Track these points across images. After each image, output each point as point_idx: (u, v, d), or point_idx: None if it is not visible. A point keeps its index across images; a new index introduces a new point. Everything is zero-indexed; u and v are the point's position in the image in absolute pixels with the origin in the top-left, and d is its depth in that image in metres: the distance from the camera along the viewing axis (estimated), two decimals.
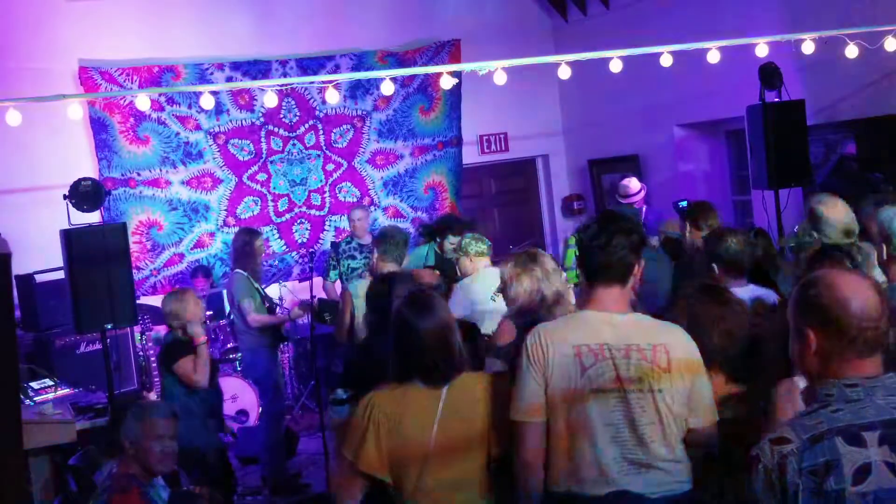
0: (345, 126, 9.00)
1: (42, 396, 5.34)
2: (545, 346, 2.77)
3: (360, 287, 5.13)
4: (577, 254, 2.93)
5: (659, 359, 2.73)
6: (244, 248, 6.54)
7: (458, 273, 5.53)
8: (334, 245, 6.93)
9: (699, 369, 2.79)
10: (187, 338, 5.09)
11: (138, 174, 8.17)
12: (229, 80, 8.29)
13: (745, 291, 3.72)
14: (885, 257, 3.98)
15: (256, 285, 6.57)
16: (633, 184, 7.57)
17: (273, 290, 8.14)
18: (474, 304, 4.97)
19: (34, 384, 5.50)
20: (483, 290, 5.01)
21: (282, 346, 7.38)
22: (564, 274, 5.05)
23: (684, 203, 7.53)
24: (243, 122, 8.58)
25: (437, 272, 6.13)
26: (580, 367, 2.74)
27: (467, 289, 5.17)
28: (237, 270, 6.54)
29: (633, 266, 2.85)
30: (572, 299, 4.01)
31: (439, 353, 2.94)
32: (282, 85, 7.27)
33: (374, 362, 3.37)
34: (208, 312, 7.33)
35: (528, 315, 3.54)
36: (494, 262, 5.22)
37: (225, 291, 7.65)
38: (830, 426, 1.81)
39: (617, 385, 2.72)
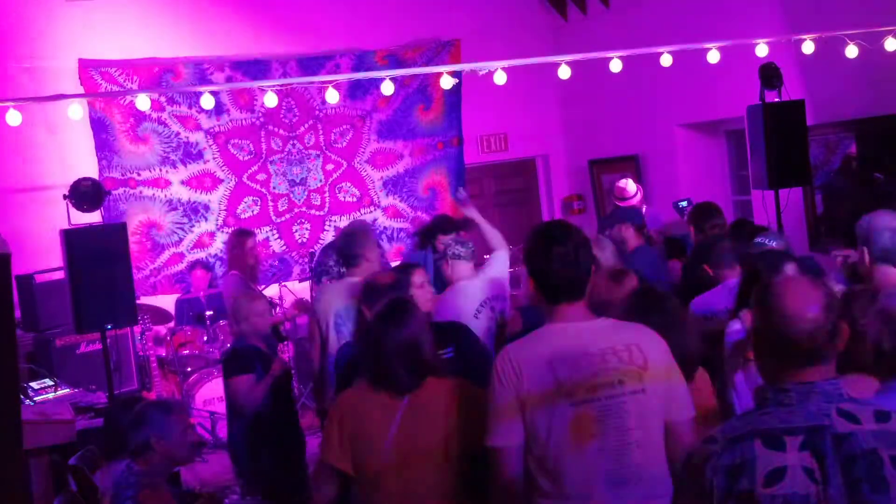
0: (344, 126, 8.99)
1: (42, 396, 5.32)
2: (516, 366, 2.66)
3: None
4: (533, 275, 2.75)
5: (635, 358, 2.66)
6: (235, 250, 6.56)
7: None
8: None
9: (673, 366, 2.75)
10: (259, 349, 4.81)
11: (138, 174, 8.17)
12: (229, 80, 8.29)
13: None
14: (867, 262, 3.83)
15: (253, 286, 6.56)
16: (629, 186, 7.46)
17: (273, 291, 8.13)
18: (460, 317, 4.34)
19: (34, 384, 5.48)
20: (464, 304, 4.56)
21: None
22: None
23: (684, 203, 7.51)
24: (243, 121, 8.57)
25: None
26: (555, 380, 2.63)
27: (446, 303, 4.53)
28: (232, 272, 6.55)
29: (591, 274, 2.77)
30: None
31: (403, 366, 2.97)
32: (282, 85, 7.28)
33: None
34: (208, 313, 7.31)
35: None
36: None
37: (223, 292, 7.64)
38: (753, 428, 1.85)
39: (595, 393, 2.63)
